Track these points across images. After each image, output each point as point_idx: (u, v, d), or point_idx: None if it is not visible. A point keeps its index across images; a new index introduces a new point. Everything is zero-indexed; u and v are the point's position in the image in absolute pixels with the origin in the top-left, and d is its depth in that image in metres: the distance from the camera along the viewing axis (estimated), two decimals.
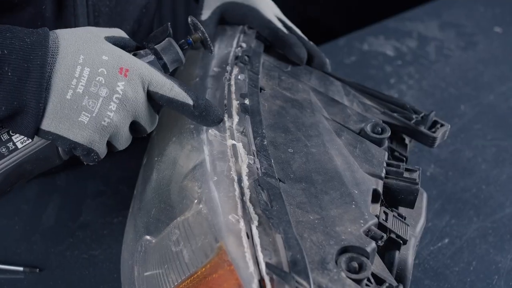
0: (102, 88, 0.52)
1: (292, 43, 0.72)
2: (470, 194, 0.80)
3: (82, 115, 0.52)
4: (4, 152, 0.53)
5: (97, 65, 0.53)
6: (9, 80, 0.49)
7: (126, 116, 0.55)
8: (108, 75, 0.53)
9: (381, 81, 1.03)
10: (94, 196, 0.77)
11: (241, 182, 0.52)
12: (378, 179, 0.57)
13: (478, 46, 1.16)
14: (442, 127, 0.67)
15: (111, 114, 0.53)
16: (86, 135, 0.53)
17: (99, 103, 0.52)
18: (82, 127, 0.53)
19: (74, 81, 0.52)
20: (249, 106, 0.61)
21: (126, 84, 0.53)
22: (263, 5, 0.76)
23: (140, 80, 0.54)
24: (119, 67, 0.53)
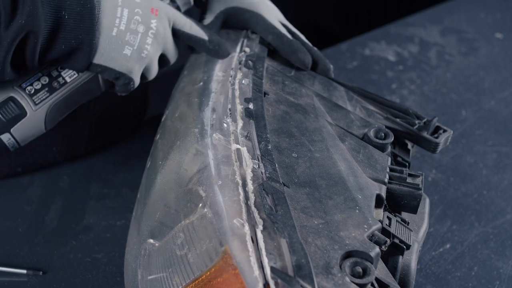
0: (139, 25, 0.62)
1: (296, 49, 0.73)
2: (471, 200, 0.81)
3: (125, 48, 0.62)
4: (56, 86, 0.63)
5: (133, 6, 0.62)
6: (66, 22, 0.57)
7: (158, 49, 0.65)
8: (143, 14, 0.62)
9: (383, 86, 1.04)
10: (97, 199, 0.77)
11: (246, 186, 0.52)
12: (382, 184, 0.58)
13: (479, 51, 1.16)
14: (444, 132, 0.68)
15: (148, 47, 0.63)
16: (129, 65, 0.63)
17: (138, 37, 0.62)
18: (126, 59, 0.62)
19: (117, 20, 0.61)
20: (253, 110, 0.61)
21: (158, 21, 0.64)
22: (267, 10, 0.76)
23: (167, 18, 0.65)
24: (150, 7, 0.63)
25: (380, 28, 1.23)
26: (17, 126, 0.61)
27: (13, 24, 0.54)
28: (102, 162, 0.84)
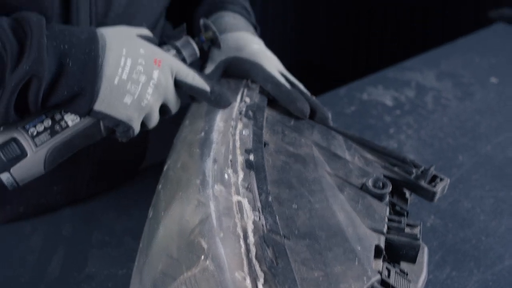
0: (141, 75, 0.64)
1: (294, 98, 0.74)
2: (470, 246, 0.81)
3: (126, 97, 0.63)
4: (58, 129, 0.64)
5: (137, 56, 0.64)
6: (71, 70, 0.60)
7: (159, 99, 0.66)
8: (146, 64, 0.64)
9: (381, 131, 1.06)
10: (99, 247, 0.78)
11: (247, 238, 0.53)
12: (380, 235, 0.58)
13: (475, 96, 1.18)
14: (441, 181, 0.69)
15: (148, 97, 0.65)
16: (129, 113, 0.64)
17: (139, 87, 0.64)
18: (126, 107, 0.64)
19: (120, 69, 0.63)
20: (253, 162, 0.62)
21: (160, 72, 0.65)
22: (266, 61, 0.78)
23: (169, 69, 0.66)
24: (153, 58, 0.65)
25: (377, 73, 1.26)
26: (17, 166, 0.62)
27: (18, 69, 0.57)
28: (104, 209, 0.85)
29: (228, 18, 0.85)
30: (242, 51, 0.78)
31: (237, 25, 0.84)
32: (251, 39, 0.81)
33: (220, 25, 0.83)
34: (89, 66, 0.61)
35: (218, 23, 0.84)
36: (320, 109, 0.76)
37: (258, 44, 0.80)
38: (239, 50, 0.78)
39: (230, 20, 0.85)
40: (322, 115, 0.76)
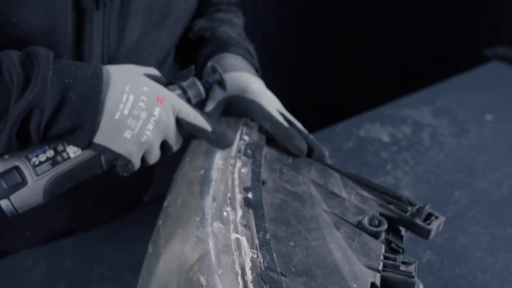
0: (142, 111, 0.66)
1: (292, 136, 0.76)
2: (465, 282, 0.82)
3: (126, 132, 0.65)
4: (59, 160, 0.66)
5: (139, 93, 0.66)
6: (73, 102, 0.63)
7: (159, 136, 0.68)
8: (148, 101, 0.66)
9: (378, 167, 1.07)
10: (99, 282, 0.79)
11: (245, 275, 0.55)
12: (376, 272, 0.60)
13: (471, 133, 1.21)
14: (436, 219, 0.70)
15: (148, 133, 0.66)
16: (128, 148, 0.66)
17: (140, 123, 0.66)
18: (125, 142, 0.65)
19: (121, 105, 0.65)
20: (252, 200, 0.64)
21: (161, 110, 0.67)
22: (265, 100, 0.80)
23: (171, 107, 0.68)
24: (156, 96, 0.67)
25: (374, 110, 1.28)
26: (17, 194, 0.64)
27: (22, 100, 0.60)
28: (104, 244, 0.86)
29: (229, 60, 0.87)
30: (242, 90, 0.80)
31: (237, 66, 0.86)
32: (251, 79, 0.82)
33: (221, 66, 0.85)
34: (91, 99, 0.63)
35: (219, 63, 0.86)
36: (317, 147, 0.77)
37: (258, 84, 0.82)
38: (239, 89, 0.80)
39: (232, 61, 0.87)
40: (320, 153, 0.77)
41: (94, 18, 0.75)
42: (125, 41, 0.80)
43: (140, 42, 0.83)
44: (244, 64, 0.88)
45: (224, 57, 0.88)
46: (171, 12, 0.85)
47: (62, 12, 0.72)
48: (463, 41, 2.36)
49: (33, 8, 0.70)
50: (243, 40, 0.97)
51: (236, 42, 0.94)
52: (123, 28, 0.79)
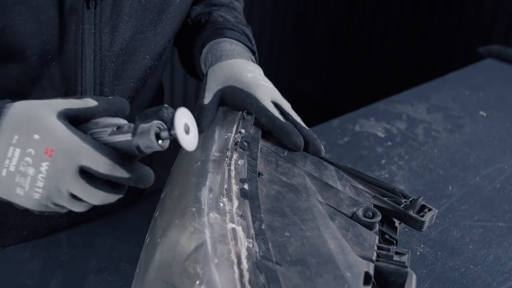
0: (29, 167, 0.58)
1: (288, 132, 0.76)
2: (458, 274, 0.83)
3: (17, 189, 0.59)
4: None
5: (27, 145, 0.58)
6: None
7: (56, 191, 0.59)
8: (35, 155, 0.58)
9: (373, 162, 1.08)
10: (96, 272, 0.80)
11: (241, 264, 0.56)
12: (370, 262, 0.61)
13: (464, 128, 1.22)
14: (429, 211, 0.71)
15: (40, 190, 0.58)
16: (27, 203, 0.60)
17: (28, 181, 0.58)
18: (21, 198, 0.59)
19: (7, 161, 0.58)
20: (248, 191, 0.65)
21: (50, 164, 0.58)
22: (261, 92, 0.79)
23: (66, 158, 0.57)
24: (45, 147, 0.58)
25: (369, 106, 1.29)
26: None
27: None
28: (102, 235, 0.87)
29: (224, 45, 0.87)
30: (236, 80, 0.79)
31: (232, 51, 0.85)
32: (246, 67, 0.82)
33: (216, 52, 0.85)
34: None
35: (214, 49, 0.86)
36: (313, 141, 0.78)
37: (253, 72, 0.81)
38: (234, 79, 0.80)
39: (227, 46, 0.86)
40: (315, 148, 0.78)
41: (85, 17, 0.74)
42: (118, 40, 0.80)
43: (134, 41, 0.82)
44: (240, 49, 0.87)
45: (219, 43, 0.88)
46: (167, 8, 0.85)
47: (47, 15, 0.72)
48: (459, 39, 2.38)
49: (18, 12, 0.69)
50: (239, 23, 0.95)
51: (232, 25, 0.92)
52: (116, 26, 0.78)
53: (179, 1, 0.87)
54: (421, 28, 2.50)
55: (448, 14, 2.40)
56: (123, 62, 0.83)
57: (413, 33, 2.54)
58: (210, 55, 0.88)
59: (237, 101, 0.79)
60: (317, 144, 0.77)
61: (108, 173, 0.58)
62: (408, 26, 2.54)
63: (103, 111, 0.63)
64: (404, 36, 2.57)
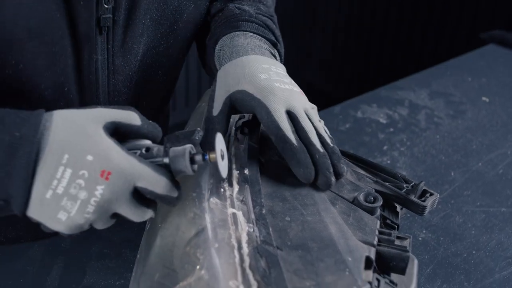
0: (81, 191, 0.54)
1: (298, 161, 0.64)
2: (461, 259, 0.83)
3: (60, 213, 0.54)
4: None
5: (80, 166, 0.54)
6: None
7: (104, 213, 0.56)
8: (89, 178, 0.54)
9: (375, 148, 1.08)
10: (97, 259, 0.80)
11: (241, 249, 0.56)
12: (371, 247, 0.60)
13: (467, 114, 1.21)
14: (431, 196, 0.71)
15: (88, 216, 0.55)
16: (64, 228, 0.56)
17: (77, 205, 0.54)
18: (60, 223, 0.55)
19: (55, 182, 0.53)
20: (248, 176, 0.64)
21: (106, 188, 0.54)
22: (274, 99, 0.67)
23: (123, 181, 0.55)
24: (100, 169, 0.54)
25: (371, 92, 1.29)
26: None
27: None
28: None
29: (238, 39, 0.77)
30: (248, 82, 0.68)
31: (246, 46, 0.75)
32: (260, 66, 0.70)
33: (228, 48, 0.76)
34: (18, 174, 0.53)
35: (226, 46, 0.77)
36: (323, 173, 0.65)
37: (268, 71, 0.70)
38: (244, 81, 0.69)
39: (240, 40, 0.77)
40: (325, 180, 0.65)
41: (98, 44, 0.71)
42: (131, 62, 0.76)
43: (145, 58, 0.78)
44: (256, 43, 0.77)
45: (232, 37, 0.78)
46: (179, 18, 0.80)
47: (60, 46, 0.68)
48: (461, 24, 2.36)
49: (32, 47, 0.66)
50: (260, 13, 0.84)
51: (250, 16, 0.82)
52: (129, 49, 0.74)
53: (192, 8, 0.81)
54: (423, 14, 2.49)
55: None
56: (136, 83, 0.79)
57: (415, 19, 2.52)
58: (222, 52, 0.78)
59: (247, 108, 0.68)
60: (329, 176, 0.65)
61: (166, 194, 0.57)
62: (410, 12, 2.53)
63: (143, 134, 0.60)
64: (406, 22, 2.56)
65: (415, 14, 2.52)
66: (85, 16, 0.69)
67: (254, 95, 0.67)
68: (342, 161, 0.66)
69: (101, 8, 0.69)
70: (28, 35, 0.66)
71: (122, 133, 0.58)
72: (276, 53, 0.80)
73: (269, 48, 0.78)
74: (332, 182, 0.65)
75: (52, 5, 0.66)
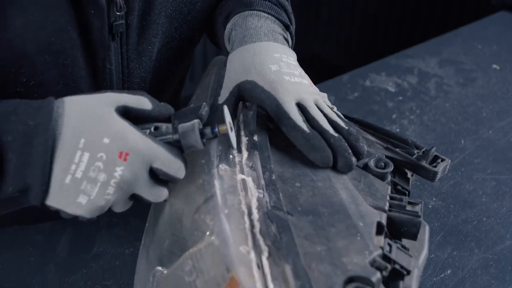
0: (100, 173, 0.54)
1: (313, 146, 0.63)
2: (471, 227, 0.83)
3: (80, 197, 0.54)
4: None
5: (97, 149, 0.54)
6: (13, 165, 0.52)
7: (124, 195, 0.57)
8: (107, 160, 0.54)
9: (384, 117, 1.07)
10: (107, 228, 0.79)
11: (251, 215, 0.55)
12: (382, 212, 0.60)
13: (477, 82, 1.19)
14: (442, 162, 0.70)
15: (109, 197, 0.55)
16: (85, 212, 0.55)
17: (97, 187, 0.54)
18: (80, 207, 0.55)
19: (73, 166, 0.53)
20: (257, 142, 0.64)
21: (125, 169, 0.55)
22: (284, 91, 0.66)
23: (141, 161, 0.55)
24: (118, 151, 0.54)
25: (380, 60, 1.27)
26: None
27: None
28: None
29: (251, 20, 0.74)
30: (257, 74, 0.67)
31: (259, 30, 0.73)
32: (271, 55, 0.69)
33: (240, 30, 0.74)
34: (35, 162, 0.52)
35: (238, 26, 0.75)
36: (343, 154, 0.63)
37: (278, 62, 0.68)
38: (254, 72, 0.68)
39: (254, 22, 0.74)
40: (346, 162, 0.63)
41: (112, 50, 0.68)
42: (145, 63, 0.73)
43: (160, 54, 0.75)
44: (269, 26, 0.74)
45: (245, 17, 0.75)
46: (193, 8, 0.77)
47: (72, 57, 0.66)
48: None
49: (43, 61, 0.64)
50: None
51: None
52: (143, 50, 0.72)
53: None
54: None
55: None
56: (150, 83, 0.77)
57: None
58: (234, 33, 0.75)
59: (255, 100, 0.67)
60: (348, 157, 0.63)
61: (176, 175, 0.58)
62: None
63: (154, 117, 0.59)
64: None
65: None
66: (97, 25, 0.66)
67: (264, 88, 0.66)
68: (361, 140, 0.65)
69: (113, 15, 0.67)
70: (38, 49, 0.63)
71: (133, 118, 0.58)
72: (288, 36, 0.78)
73: (282, 32, 0.76)
74: (353, 163, 0.63)
75: (62, 18, 0.64)
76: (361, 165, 0.67)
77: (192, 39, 0.81)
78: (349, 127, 0.65)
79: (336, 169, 0.64)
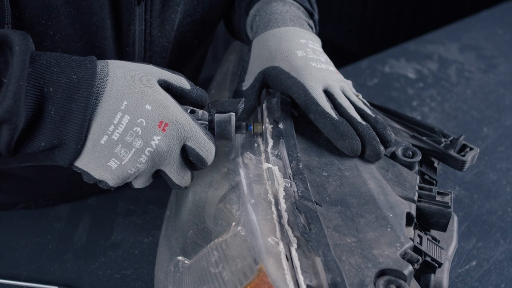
0: (137, 139, 0.53)
1: (342, 133, 0.61)
2: (496, 217, 0.81)
3: (111, 161, 0.53)
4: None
5: (138, 114, 0.53)
6: (51, 118, 0.50)
7: (153, 167, 0.55)
8: (147, 127, 0.53)
9: (404, 104, 1.05)
10: (125, 215, 0.78)
11: (278, 205, 0.53)
12: (411, 203, 0.58)
13: (499, 68, 1.17)
14: (471, 150, 0.68)
15: (139, 166, 0.54)
16: (111, 178, 0.54)
17: (131, 153, 0.53)
18: (108, 171, 0.53)
19: (111, 127, 0.52)
20: (283, 130, 0.62)
21: (162, 139, 0.53)
22: (311, 78, 0.64)
23: (177, 136, 0.54)
24: (159, 120, 0.53)
25: (399, 46, 1.24)
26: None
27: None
28: None
29: (276, 5, 0.72)
30: (283, 59, 0.65)
31: (284, 15, 0.71)
32: (297, 41, 0.67)
33: (265, 15, 0.72)
34: (74, 117, 0.51)
35: (263, 11, 0.73)
36: (371, 143, 0.61)
37: (304, 48, 0.67)
38: (280, 57, 0.66)
39: (278, 7, 0.72)
40: (374, 151, 0.61)
41: (136, 15, 0.66)
42: (167, 32, 0.71)
43: (181, 27, 0.73)
44: (294, 11, 0.73)
45: (269, 2, 0.73)
46: None
47: (98, 17, 0.64)
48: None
49: (68, 15, 0.62)
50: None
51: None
52: (165, 19, 0.70)
53: None
54: None
55: None
56: (171, 53, 0.75)
57: None
58: (258, 18, 0.73)
59: (281, 87, 0.66)
60: (376, 145, 0.61)
61: (207, 158, 0.56)
62: None
63: (192, 98, 0.58)
64: None
65: None
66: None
67: (290, 74, 0.64)
68: (389, 128, 0.63)
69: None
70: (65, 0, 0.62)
71: (173, 95, 0.57)
72: (312, 24, 0.76)
73: (307, 19, 0.74)
74: (381, 151, 0.62)
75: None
76: (388, 154, 0.65)
77: (213, 15, 0.79)
78: (376, 114, 0.63)
79: (363, 158, 0.62)
